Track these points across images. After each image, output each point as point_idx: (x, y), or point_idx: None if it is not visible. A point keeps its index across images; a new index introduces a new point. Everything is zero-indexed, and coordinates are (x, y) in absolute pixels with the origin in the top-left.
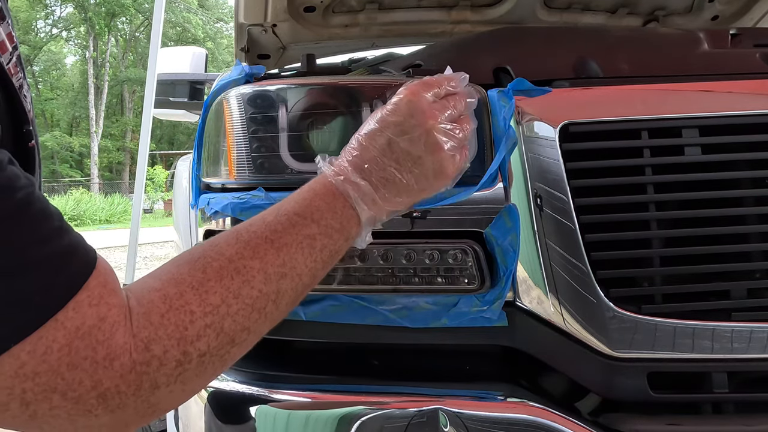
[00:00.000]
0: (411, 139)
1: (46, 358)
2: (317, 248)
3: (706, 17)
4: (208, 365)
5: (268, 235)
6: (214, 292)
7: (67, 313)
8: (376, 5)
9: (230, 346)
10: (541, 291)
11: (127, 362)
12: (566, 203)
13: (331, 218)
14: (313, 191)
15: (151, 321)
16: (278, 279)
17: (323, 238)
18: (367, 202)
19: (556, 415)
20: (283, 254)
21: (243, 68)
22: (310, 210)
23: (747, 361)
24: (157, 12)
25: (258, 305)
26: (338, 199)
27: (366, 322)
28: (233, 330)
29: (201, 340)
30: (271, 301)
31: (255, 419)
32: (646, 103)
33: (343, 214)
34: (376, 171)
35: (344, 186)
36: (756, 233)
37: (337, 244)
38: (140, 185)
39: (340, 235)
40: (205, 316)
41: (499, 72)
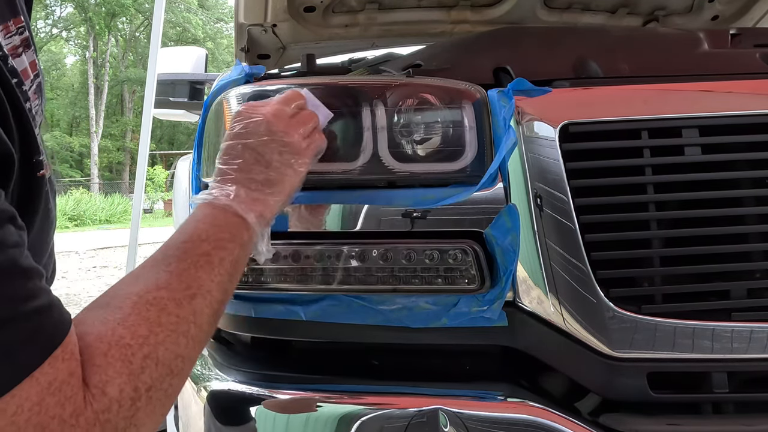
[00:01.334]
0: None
1: (15, 419)
2: (215, 263)
3: (706, 17)
4: (156, 402)
5: (164, 268)
6: (138, 324)
7: (43, 369)
8: (376, 5)
9: (170, 378)
10: (541, 291)
11: (91, 415)
12: (566, 203)
13: (219, 232)
14: (193, 218)
15: (97, 364)
16: (189, 300)
17: (218, 251)
18: (248, 204)
19: (556, 415)
20: (184, 278)
21: (243, 68)
22: (196, 233)
23: (747, 361)
24: (157, 12)
25: (181, 329)
26: (218, 213)
27: (366, 322)
28: (168, 358)
29: (145, 372)
30: (192, 323)
31: (255, 419)
32: (646, 103)
33: (227, 223)
34: (239, 174)
35: (219, 199)
36: (756, 233)
37: (233, 253)
38: (140, 185)
39: (234, 245)
40: (141, 348)
41: (499, 72)
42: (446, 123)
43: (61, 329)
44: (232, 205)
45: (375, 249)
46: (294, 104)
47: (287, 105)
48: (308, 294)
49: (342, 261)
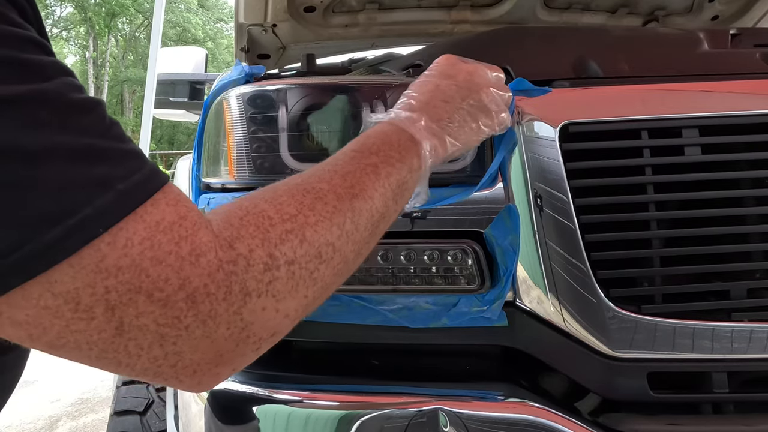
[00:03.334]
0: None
1: (127, 251)
2: (382, 175)
3: (706, 17)
4: (299, 280)
5: (329, 168)
6: (288, 204)
7: (146, 208)
8: (376, 5)
9: (318, 261)
10: (541, 291)
11: (214, 259)
12: (566, 203)
13: (390, 149)
14: (365, 134)
15: (231, 223)
16: (350, 198)
17: (386, 166)
18: (423, 129)
19: (556, 415)
20: (349, 178)
21: (243, 68)
22: (366, 145)
23: (747, 361)
24: (157, 12)
25: (336, 220)
26: (393, 132)
27: (366, 322)
28: (316, 241)
29: (285, 244)
30: (349, 219)
31: (255, 419)
32: (646, 103)
33: (400, 144)
34: (428, 106)
35: (400, 120)
36: (756, 233)
37: (401, 173)
38: None
39: (402, 165)
40: (284, 222)
41: None
42: None
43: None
44: (409, 128)
45: (375, 249)
46: (495, 73)
47: (491, 71)
48: None
49: None
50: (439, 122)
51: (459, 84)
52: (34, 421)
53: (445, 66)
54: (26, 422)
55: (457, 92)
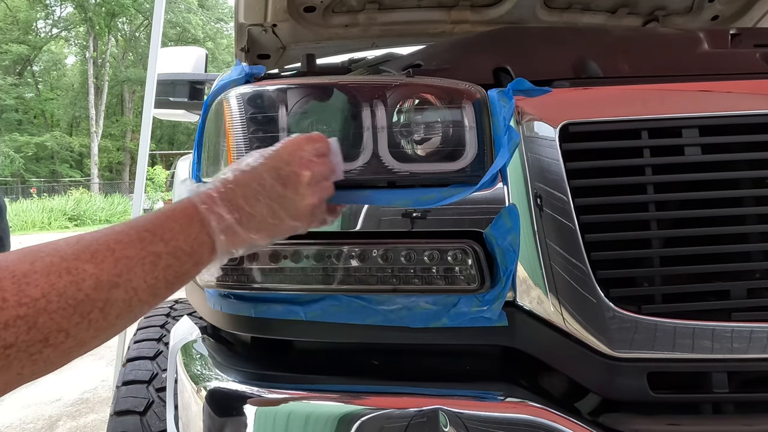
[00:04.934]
0: (285, 185)
1: None
2: (160, 266)
3: (706, 17)
4: (14, 360)
5: (111, 244)
6: (37, 285)
7: None
8: (376, 5)
9: (43, 345)
10: (541, 291)
11: None
12: (566, 203)
13: (183, 241)
14: (169, 212)
15: None
16: (110, 288)
17: (169, 258)
18: (227, 234)
19: (556, 415)
20: (120, 265)
21: (243, 68)
22: (162, 229)
23: (747, 361)
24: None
25: (82, 309)
26: (194, 224)
27: (366, 322)
28: (49, 328)
29: (9, 329)
30: (98, 309)
31: (255, 419)
32: (646, 103)
33: (196, 239)
34: (243, 206)
35: (207, 214)
36: (756, 233)
37: (184, 266)
38: (140, 185)
39: (189, 258)
40: (19, 307)
41: (499, 72)
42: (446, 123)
43: None
44: (212, 228)
45: (375, 249)
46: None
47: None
48: (308, 294)
49: (342, 261)
50: (247, 224)
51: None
52: (34, 421)
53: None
54: (26, 422)
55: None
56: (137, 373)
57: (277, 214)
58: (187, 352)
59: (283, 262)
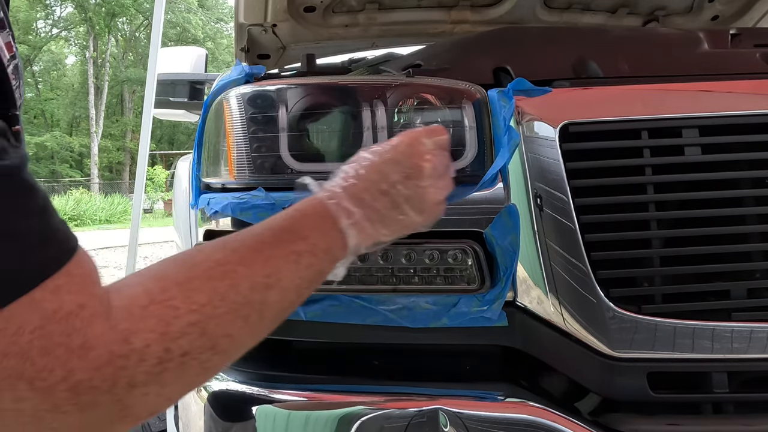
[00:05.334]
0: (408, 178)
1: (16, 339)
2: (303, 265)
3: (706, 17)
4: (188, 369)
5: (255, 246)
6: (201, 290)
7: (44, 294)
8: (376, 5)
9: (212, 353)
10: (541, 291)
11: (104, 354)
12: (566, 203)
13: (319, 238)
14: (301, 211)
15: (131, 313)
16: (264, 289)
17: (309, 256)
18: (357, 229)
19: (556, 415)
20: (270, 265)
21: (243, 68)
22: (298, 227)
23: (747, 361)
24: (157, 12)
25: (243, 312)
26: (327, 220)
27: (366, 322)
28: (217, 334)
29: (184, 337)
30: (256, 311)
31: (255, 419)
32: (646, 103)
33: (330, 235)
34: (368, 201)
35: (337, 210)
36: (756, 233)
37: (322, 264)
38: (140, 185)
39: (326, 256)
40: (190, 314)
41: (499, 72)
42: (446, 123)
43: (65, 255)
44: (343, 224)
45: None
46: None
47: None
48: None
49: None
50: (376, 222)
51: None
52: None
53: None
54: None
55: (407, 192)
56: None
57: (402, 209)
58: None
59: None
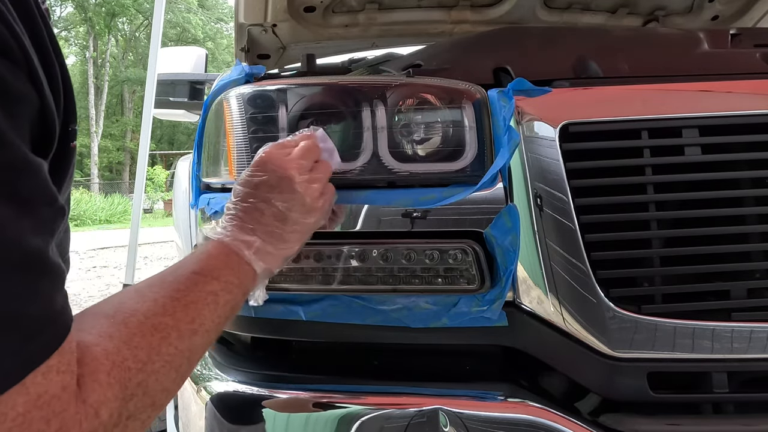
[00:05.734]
0: (281, 191)
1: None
2: (221, 303)
3: (706, 17)
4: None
5: (173, 294)
6: (141, 347)
7: (36, 378)
8: (376, 5)
9: (151, 409)
10: (541, 291)
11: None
12: (566, 203)
13: (230, 274)
14: (207, 252)
15: (99, 382)
16: (190, 335)
17: (225, 293)
18: (261, 256)
19: (556, 415)
20: (191, 311)
21: (243, 68)
22: (208, 268)
23: (747, 361)
24: (157, 12)
25: (175, 363)
26: (232, 256)
27: (366, 322)
28: (155, 390)
29: (132, 400)
30: (186, 359)
31: (255, 419)
32: (646, 103)
33: (239, 269)
34: (259, 227)
35: (236, 244)
36: (756, 233)
37: (236, 298)
38: (140, 185)
39: (239, 290)
40: (137, 374)
41: (499, 72)
42: (446, 123)
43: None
44: (246, 256)
45: (375, 249)
46: (312, 157)
47: (307, 159)
48: (308, 294)
49: (342, 261)
50: (273, 242)
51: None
52: None
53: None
54: None
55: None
56: None
57: (291, 219)
58: None
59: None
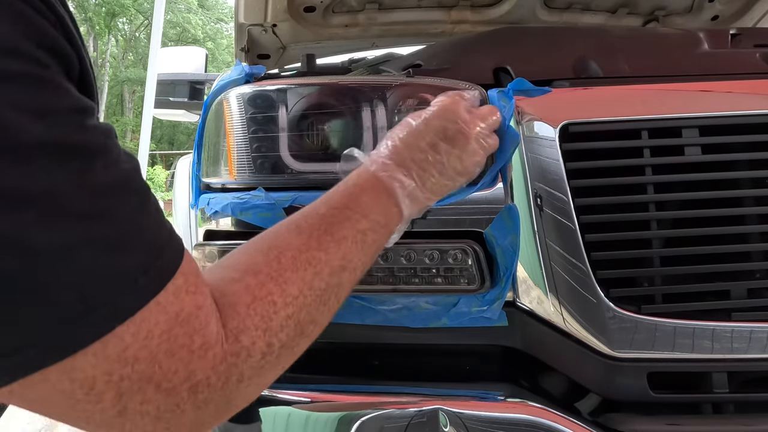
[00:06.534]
0: (452, 144)
1: (147, 343)
2: (368, 243)
3: (706, 17)
4: (283, 357)
5: (326, 228)
6: (292, 282)
7: (168, 297)
8: (376, 5)
9: (301, 338)
10: (541, 291)
11: (219, 352)
12: (566, 203)
13: (379, 213)
14: (359, 186)
15: (238, 311)
16: (340, 272)
17: (372, 233)
18: (411, 199)
19: (556, 415)
20: (342, 248)
21: (243, 68)
22: (360, 205)
23: (747, 361)
24: (157, 12)
25: (325, 297)
26: (383, 194)
27: (366, 322)
28: (306, 321)
29: (283, 331)
30: (334, 294)
31: (255, 419)
32: (646, 103)
33: (388, 210)
34: (417, 168)
35: (390, 182)
36: (756, 233)
37: (382, 238)
38: None
39: (385, 231)
40: (287, 307)
41: (499, 72)
42: None
43: (180, 256)
44: (399, 197)
45: None
46: (492, 126)
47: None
48: None
49: None
50: (426, 189)
51: (455, 147)
52: (34, 421)
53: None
54: (26, 422)
55: (450, 156)
56: None
57: (447, 174)
58: None
59: None
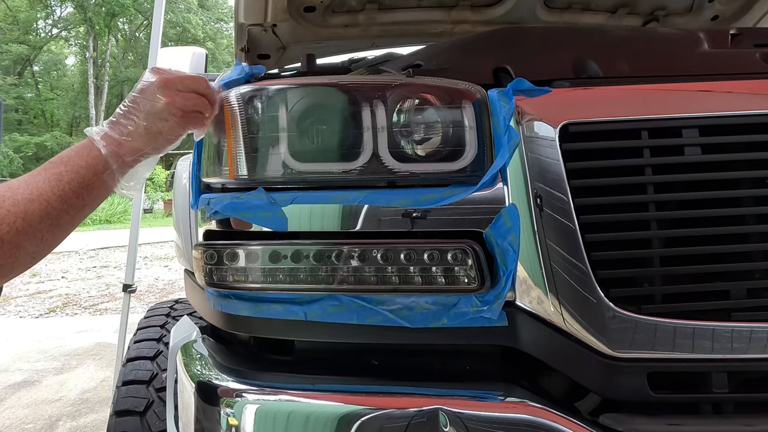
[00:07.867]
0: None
1: None
2: (65, 180)
3: (706, 17)
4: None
5: (26, 178)
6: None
7: None
8: (376, 5)
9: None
10: (541, 291)
11: None
12: (566, 203)
13: (78, 159)
14: (71, 148)
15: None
16: (26, 203)
17: (70, 173)
18: (107, 140)
19: (556, 415)
20: (30, 186)
21: (243, 68)
22: (61, 158)
23: (747, 361)
24: (157, 12)
25: (7, 220)
26: (87, 146)
27: (366, 322)
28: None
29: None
30: (20, 218)
31: (255, 419)
32: (646, 103)
33: (89, 154)
34: (117, 120)
35: (94, 135)
36: (756, 233)
37: (85, 177)
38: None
39: (87, 171)
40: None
41: (499, 72)
42: (446, 123)
43: None
44: (95, 141)
45: (375, 249)
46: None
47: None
48: (308, 294)
49: (342, 261)
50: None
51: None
52: (34, 421)
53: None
54: (26, 422)
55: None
56: (137, 373)
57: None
58: (187, 352)
59: (283, 262)
